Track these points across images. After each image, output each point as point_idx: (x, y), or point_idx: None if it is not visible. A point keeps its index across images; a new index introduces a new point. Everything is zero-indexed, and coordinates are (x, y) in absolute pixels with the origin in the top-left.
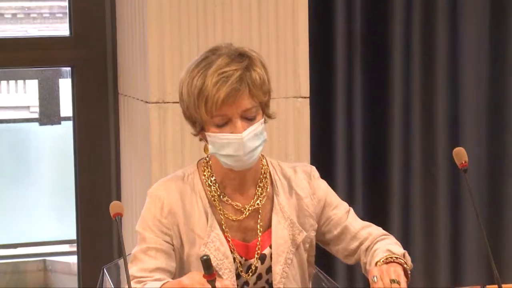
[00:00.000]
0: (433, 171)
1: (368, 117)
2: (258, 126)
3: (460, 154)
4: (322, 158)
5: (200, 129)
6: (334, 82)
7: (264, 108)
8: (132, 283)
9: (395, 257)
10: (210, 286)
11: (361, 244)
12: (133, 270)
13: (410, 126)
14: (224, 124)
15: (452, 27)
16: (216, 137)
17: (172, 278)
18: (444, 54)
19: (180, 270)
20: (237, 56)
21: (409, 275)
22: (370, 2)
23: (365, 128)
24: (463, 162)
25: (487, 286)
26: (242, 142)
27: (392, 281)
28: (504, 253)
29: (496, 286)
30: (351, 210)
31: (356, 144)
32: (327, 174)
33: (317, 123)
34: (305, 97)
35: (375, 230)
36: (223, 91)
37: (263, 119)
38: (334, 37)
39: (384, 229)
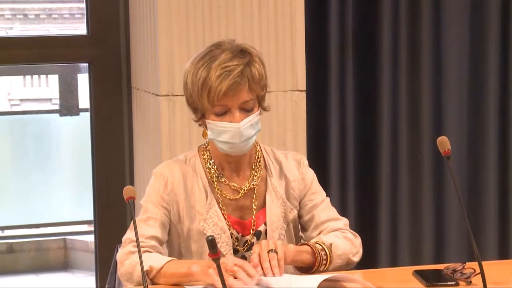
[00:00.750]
0: (419, 158)
1: (359, 109)
2: (254, 117)
3: (444, 143)
4: (317, 146)
5: (201, 116)
6: (328, 76)
7: (261, 102)
8: (130, 246)
9: (309, 243)
10: (215, 264)
11: (318, 234)
12: (131, 234)
13: (398, 117)
14: (224, 113)
15: (435, 26)
16: (215, 124)
17: (170, 250)
18: (429, 51)
19: (181, 243)
20: (239, 52)
21: (324, 260)
22: (361, 4)
23: (357, 119)
24: (446, 150)
25: (468, 263)
26: (239, 131)
27: (270, 250)
28: (484, 233)
29: (476, 262)
30: (326, 200)
31: (348, 133)
32: (321, 161)
33: (312, 114)
34: (301, 91)
35: (337, 224)
36: (225, 83)
37: (259, 111)
38: (328, 35)
39: (373, 210)
